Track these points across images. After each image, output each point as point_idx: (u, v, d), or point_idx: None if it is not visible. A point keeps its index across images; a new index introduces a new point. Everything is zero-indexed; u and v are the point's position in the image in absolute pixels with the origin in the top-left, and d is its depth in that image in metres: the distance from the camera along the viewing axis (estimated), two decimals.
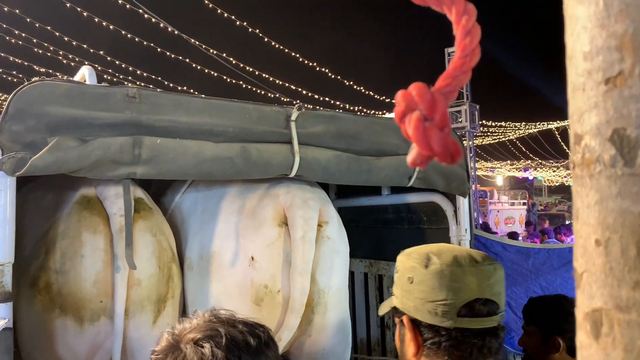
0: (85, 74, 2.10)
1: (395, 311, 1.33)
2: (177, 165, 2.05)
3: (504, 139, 30.03)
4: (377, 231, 3.68)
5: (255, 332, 1.10)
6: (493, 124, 25.85)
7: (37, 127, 1.80)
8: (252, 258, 2.34)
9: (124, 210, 2.08)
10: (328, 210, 2.55)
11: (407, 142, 1.92)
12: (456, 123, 16.05)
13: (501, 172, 39.04)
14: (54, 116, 1.82)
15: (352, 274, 3.66)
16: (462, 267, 1.23)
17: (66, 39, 13.10)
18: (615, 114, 0.33)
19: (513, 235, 11.35)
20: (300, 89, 17.08)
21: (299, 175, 2.38)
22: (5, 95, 16.22)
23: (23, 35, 12.76)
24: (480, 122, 17.94)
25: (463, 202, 3.01)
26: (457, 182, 2.89)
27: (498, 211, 22.16)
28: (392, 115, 3.19)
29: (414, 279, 1.25)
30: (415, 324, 1.24)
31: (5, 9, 11.46)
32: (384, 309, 1.40)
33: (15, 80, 14.96)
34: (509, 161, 36.82)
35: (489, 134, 27.62)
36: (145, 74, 14.24)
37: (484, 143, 29.37)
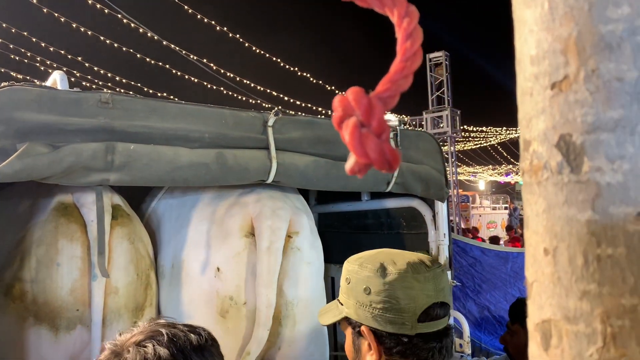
0: (56, 79, 2.06)
1: (347, 321, 1.33)
2: (151, 172, 2.02)
3: (485, 144, 30.34)
4: (358, 237, 3.68)
5: (196, 331, 1.10)
6: (474, 129, 26.12)
7: (6, 133, 1.76)
8: (218, 269, 2.31)
9: (97, 218, 2.04)
10: (299, 220, 2.49)
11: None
12: (438, 128, 16.19)
13: (483, 177, 39.44)
14: (24, 122, 1.78)
15: (332, 280, 3.64)
16: (418, 274, 1.24)
17: (43, 44, 12.94)
18: (561, 119, 0.32)
19: (495, 239, 11.46)
20: (281, 95, 17.09)
21: (276, 181, 2.36)
22: None
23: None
24: (461, 127, 18.11)
25: (441, 207, 3.02)
26: (435, 187, 2.90)
27: (480, 215, 22.38)
28: None
29: (371, 290, 1.25)
30: (376, 333, 1.24)
31: None
32: (328, 318, 1.38)
33: None
34: (490, 166, 37.23)
35: (470, 139, 27.88)
36: (124, 80, 14.15)
37: (465, 148, 29.63)
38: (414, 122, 17.13)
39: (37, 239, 2.07)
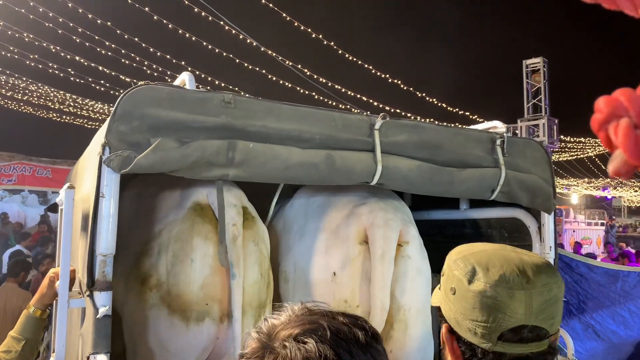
0: (185, 79, 2.20)
1: (439, 311, 1.28)
2: (266, 169, 2.10)
3: (582, 156, 28.64)
4: (454, 246, 3.59)
5: (359, 324, 0.92)
6: (572, 139, 24.71)
7: (141, 127, 1.90)
8: (334, 274, 2.46)
9: (218, 209, 2.17)
10: (409, 230, 2.60)
11: (491, 154, 1.92)
12: (533, 137, 15.50)
13: (577, 190, 37.29)
14: (157, 118, 1.92)
15: None
16: (509, 290, 1.10)
17: (151, 49, 13.80)
18: None
19: (590, 257, 10.82)
20: (371, 101, 17.08)
21: (380, 183, 2.39)
22: (93, 102, 17.27)
23: (113, 46, 13.55)
24: (558, 137, 17.24)
25: (548, 219, 2.90)
26: (542, 197, 2.79)
27: (574, 231, 21.18)
28: (475, 126, 3.13)
29: (456, 292, 1.17)
30: (455, 335, 1.18)
31: (99, 21, 12.22)
32: (434, 299, 1.33)
33: (102, 89, 15.91)
34: (586, 179, 35.13)
35: (566, 149, 26.42)
36: (223, 84, 14.76)
37: (560, 159, 28.13)
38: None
39: (174, 235, 2.23)
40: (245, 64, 14.44)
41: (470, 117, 19.14)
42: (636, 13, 0.40)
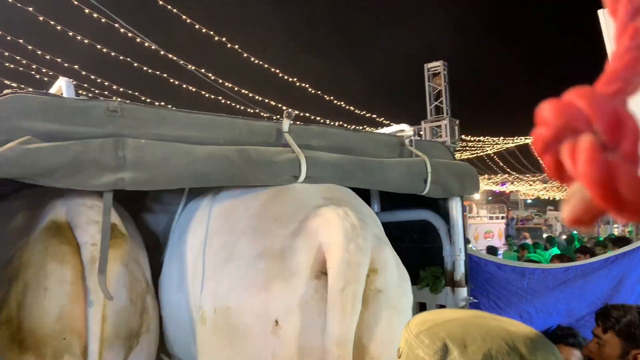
0: (62, 86, 1.95)
1: None
2: (169, 167, 1.86)
3: (482, 154, 30.33)
4: None
5: None
6: (472, 138, 26.08)
7: (9, 142, 1.63)
8: (277, 322, 1.73)
9: (102, 233, 1.87)
10: (382, 251, 1.88)
11: (403, 154, 1.78)
12: (436, 138, 16.14)
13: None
14: (29, 131, 1.67)
15: None
16: None
17: (39, 52, 12.80)
18: None
19: (492, 249, 11.37)
20: (280, 105, 17.00)
21: (309, 176, 2.16)
22: None
23: None
24: (460, 137, 18.11)
25: (457, 220, 2.91)
26: (470, 181, 2.81)
27: (477, 228, 22.29)
28: (383, 130, 3.10)
29: None
30: None
31: None
32: None
33: None
34: (486, 175, 37.25)
35: (467, 148, 27.86)
36: (121, 89, 14.01)
37: (462, 157, 29.63)
38: None
39: (25, 260, 1.90)
40: (145, 68, 13.78)
41: (377, 119, 19.62)
42: None
